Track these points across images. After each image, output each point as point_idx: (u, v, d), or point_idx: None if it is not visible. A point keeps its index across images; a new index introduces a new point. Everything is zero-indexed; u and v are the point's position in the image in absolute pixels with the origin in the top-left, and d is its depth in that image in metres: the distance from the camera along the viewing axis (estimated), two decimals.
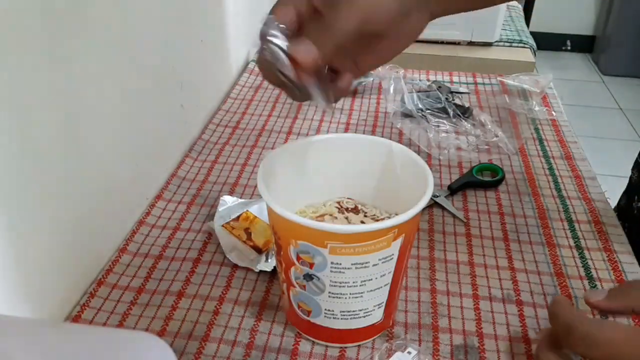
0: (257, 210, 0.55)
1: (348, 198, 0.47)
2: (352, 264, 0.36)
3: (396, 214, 0.42)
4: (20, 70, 0.38)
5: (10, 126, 0.37)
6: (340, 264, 0.36)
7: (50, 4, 0.40)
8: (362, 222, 0.44)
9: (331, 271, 0.37)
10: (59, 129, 0.43)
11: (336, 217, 0.45)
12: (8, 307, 0.39)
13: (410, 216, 0.35)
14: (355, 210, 0.45)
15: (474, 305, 0.47)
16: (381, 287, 0.39)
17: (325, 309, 0.40)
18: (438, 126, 0.73)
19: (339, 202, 0.46)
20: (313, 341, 0.44)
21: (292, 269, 0.38)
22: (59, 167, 0.43)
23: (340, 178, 0.46)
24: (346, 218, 0.45)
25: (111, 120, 0.51)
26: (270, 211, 0.37)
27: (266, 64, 0.33)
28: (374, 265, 0.37)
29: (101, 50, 0.48)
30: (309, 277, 0.38)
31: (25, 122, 0.39)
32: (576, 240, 0.55)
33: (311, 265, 0.37)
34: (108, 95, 0.50)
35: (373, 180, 0.45)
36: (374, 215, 0.45)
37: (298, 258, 0.37)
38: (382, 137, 0.45)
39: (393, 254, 0.37)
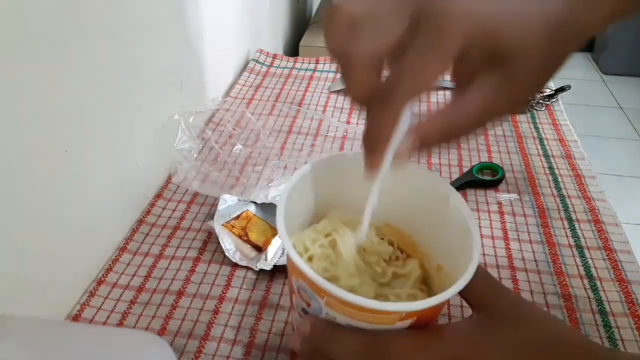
0: (257, 209, 0.55)
1: (386, 224, 0.40)
2: (347, 324, 0.32)
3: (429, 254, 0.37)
4: (19, 70, 0.38)
5: (9, 126, 0.37)
6: (335, 318, 0.32)
7: (47, 3, 0.40)
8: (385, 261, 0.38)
9: (326, 318, 0.33)
10: (57, 128, 0.43)
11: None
12: (8, 306, 0.39)
13: (426, 306, 0.29)
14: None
15: None
16: None
17: None
18: None
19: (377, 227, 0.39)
20: None
21: (294, 296, 0.36)
22: (59, 165, 0.43)
23: (382, 203, 0.35)
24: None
25: (110, 119, 0.51)
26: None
27: None
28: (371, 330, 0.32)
29: (99, 49, 0.48)
30: (305, 312, 0.35)
31: (24, 121, 0.39)
32: (576, 239, 0.55)
33: (308, 304, 0.34)
34: (106, 94, 0.50)
35: (413, 215, 0.39)
36: (398, 256, 0.39)
37: (298, 291, 0.34)
38: None
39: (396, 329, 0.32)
